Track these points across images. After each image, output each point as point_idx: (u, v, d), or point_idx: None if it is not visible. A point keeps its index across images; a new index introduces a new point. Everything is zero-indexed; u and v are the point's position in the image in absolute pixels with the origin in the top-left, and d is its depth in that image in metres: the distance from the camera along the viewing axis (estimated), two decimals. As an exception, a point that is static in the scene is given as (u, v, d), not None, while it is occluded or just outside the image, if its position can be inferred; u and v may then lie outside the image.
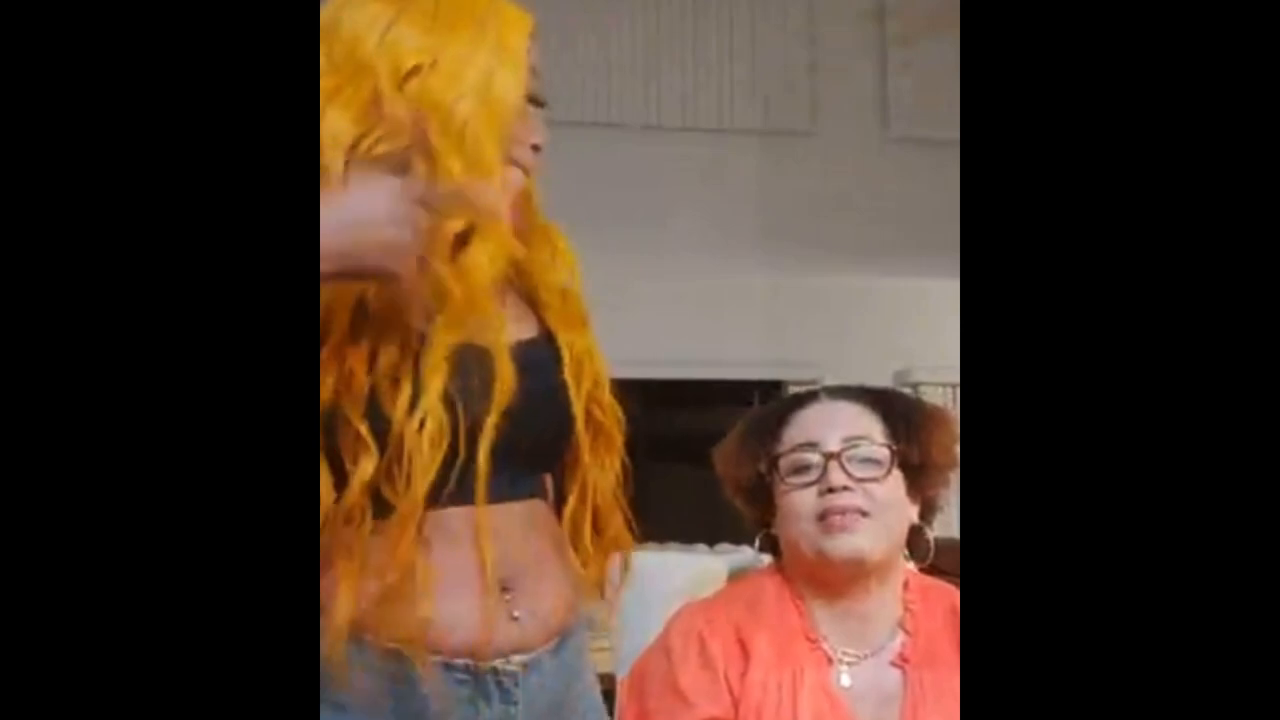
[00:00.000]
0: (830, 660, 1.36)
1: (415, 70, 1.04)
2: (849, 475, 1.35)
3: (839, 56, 5.54)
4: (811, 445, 1.38)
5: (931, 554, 1.42)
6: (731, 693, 1.33)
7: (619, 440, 1.18)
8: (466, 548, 1.06)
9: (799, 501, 1.37)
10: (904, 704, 1.34)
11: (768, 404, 1.52)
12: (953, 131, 1.26)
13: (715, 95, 5.42)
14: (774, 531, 1.42)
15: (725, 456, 1.47)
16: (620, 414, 1.18)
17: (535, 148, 1.12)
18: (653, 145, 5.13)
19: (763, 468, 1.41)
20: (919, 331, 5.01)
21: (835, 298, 5.33)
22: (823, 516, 1.35)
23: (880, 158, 5.46)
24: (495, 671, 1.07)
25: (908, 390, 4.22)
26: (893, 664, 1.37)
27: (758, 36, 5.48)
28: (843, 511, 1.34)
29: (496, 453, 1.05)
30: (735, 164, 5.38)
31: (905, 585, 1.42)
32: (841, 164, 5.41)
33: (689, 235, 5.10)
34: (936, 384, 4.95)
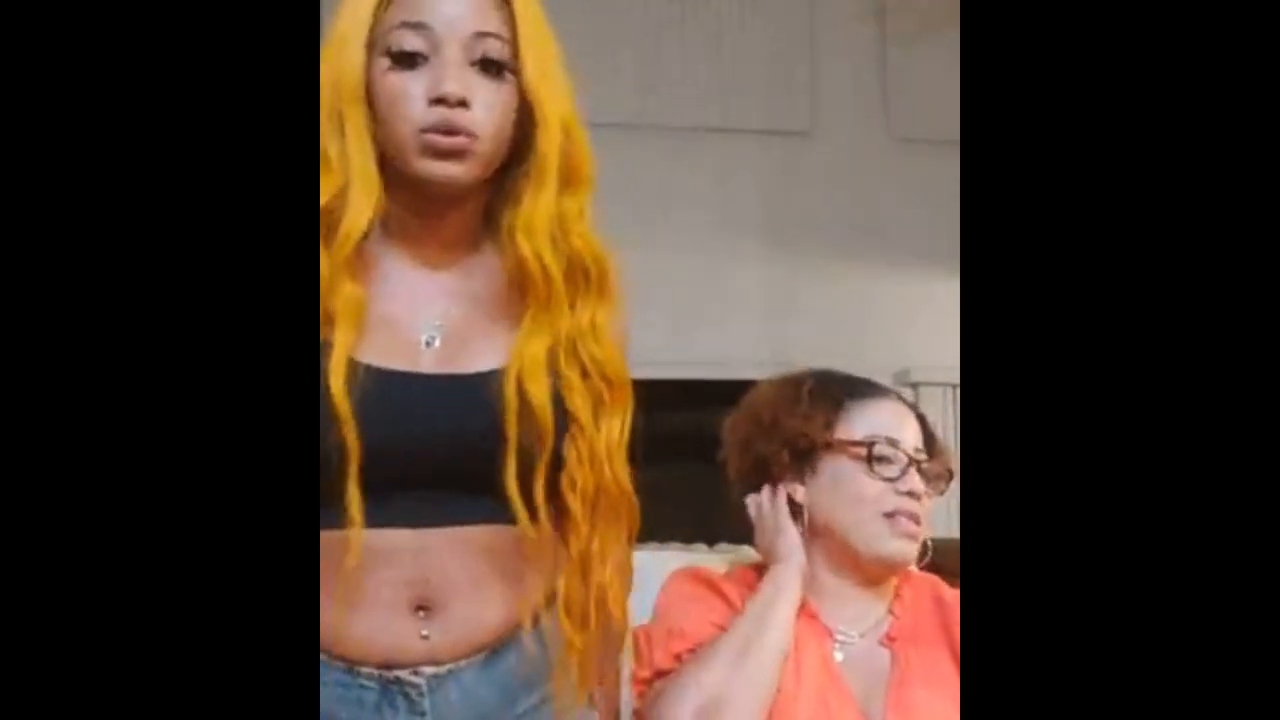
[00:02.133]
0: (829, 634, 1.38)
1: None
2: (922, 484, 1.40)
3: (839, 56, 5.53)
4: (893, 442, 1.39)
5: (928, 557, 1.45)
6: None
7: (625, 525, 1.15)
8: (380, 566, 1.06)
9: (869, 488, 1.38)
10: (891, 678, 1.36)
11: (832, 373, 1.51)
12: (953, 131, 1.26)
13: (715, 95, 5.41)
14: (798, 499, 1.42)
15: (786, 406, 1.45)
16: (633, 497, 1.15)
17: (440, 100, 1.06)
18: (653, 145, 5.12)
19: (829, 437, 1.41)
20: (919, 331, 5.00)
21: (835, 298, 5.32)
22: (892, 515, 1.38)
23: (880, 158, 5.46)
24: (400, 681, 1.08)
25: (908, 390, 4.23)
26: (881, 643, 1.40)
27: (758, 37, 5.48)
28: (910, 516, 1.38)
29: (412, 479, 1.05)
30: (735, 164, 5.38)
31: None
32: (841, 164, 5.40)
33: (688, 235, 5.09)
34: (936, 384, 4.94)
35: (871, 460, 1.39)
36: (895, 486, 1.38)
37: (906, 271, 5.21)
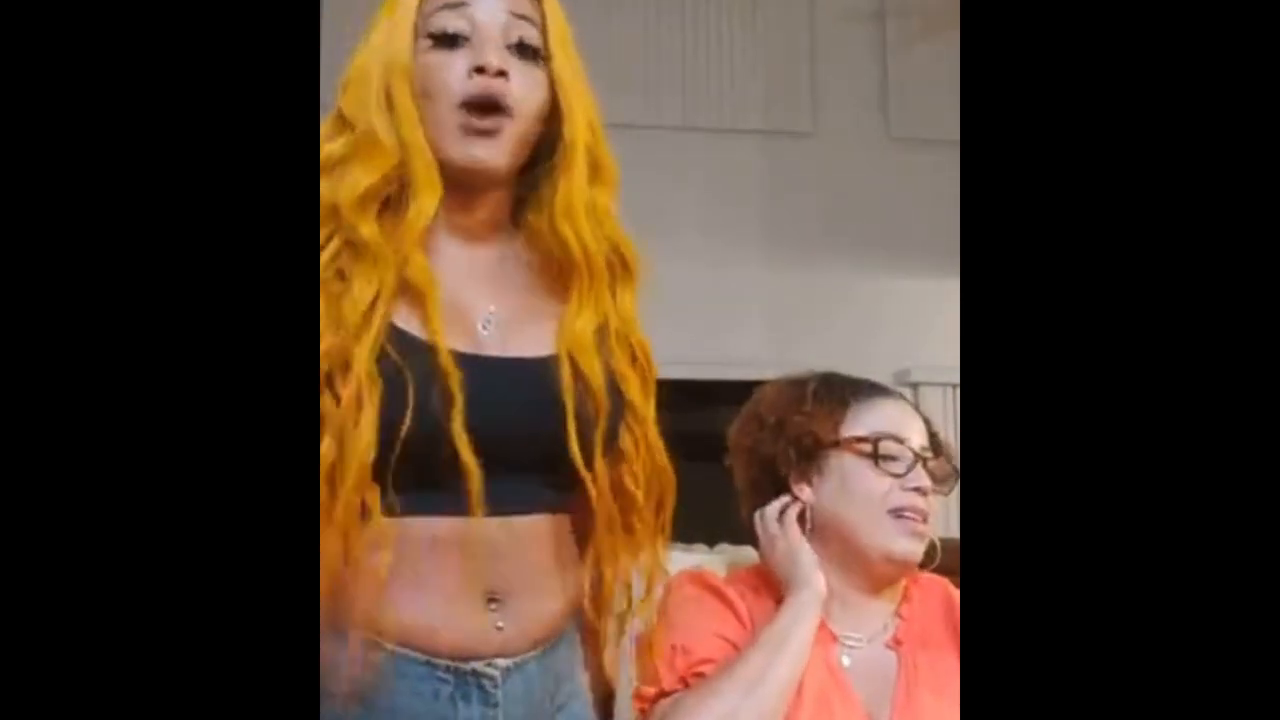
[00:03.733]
0: (834, 639, 1.37)
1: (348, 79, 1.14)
2: (930, 480, 1.39)
3: (839, 56, 5.53)
4: (899, 439, 1.39)
5: (938, 559, 1.44)
6: (735, 646, 1.34)
7: (669, 507, 1.18)
8: (456, 556, 1.07)
9: (876, 485, 1.38)
10: (898, 683, 1.35)
11: (835, 374, 1.50)
12: (953, 131, 1.26)
13: (715, 95, 5.42)
14: (801, 499, 1.42)
15: (790, 406, 1.45)
16: (670, 497, 1.18)
17: (480, 70, 1.10)
18: (653, 145, 5.13)
19: (835, 435, 1.41)
20: (919, 331, 5.01)
21: (835, 298, 5.33)
22: (899, 512, 1.37)
23: (880, 158, 5.46)
24: (476, 674, 1.08)
25: (908, 390, 4.24)
26: (887, 646, 1.39)
27: (758, 36, 5.48)
28: (917, 513, 1.37)
29: (491, 465, 1.05)
30: (735, 164, 5.38)
31: None
32: (841, 164, 5.41)
33: (689, 235, 5.10)
34: (936, 384, 4.94)
35: (878, 457, 1.38)
36: (902, 483, 1.37)
37: (906, 271, 5.22)
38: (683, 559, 1.76)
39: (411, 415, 1.03)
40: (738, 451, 1.48)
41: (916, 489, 1.37)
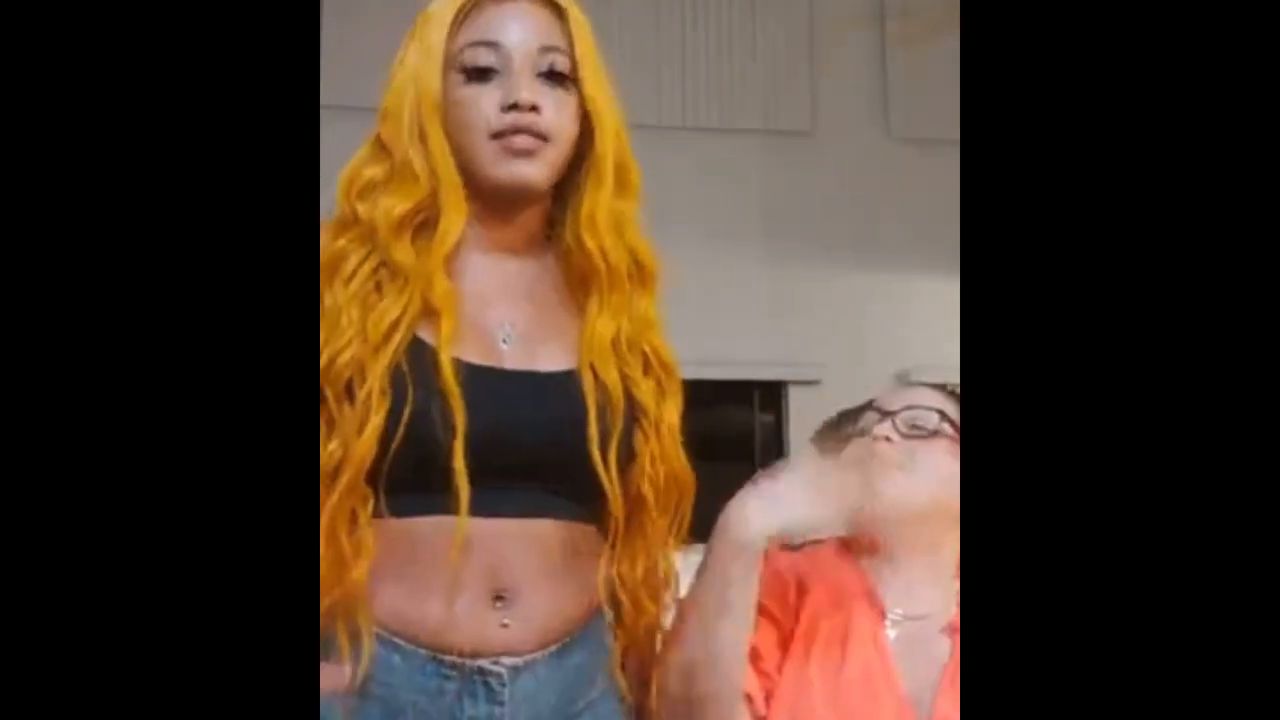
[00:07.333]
0: (883, 615, 1.37)
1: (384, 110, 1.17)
2: (897, 432, 1.39)
3: (839, 56, 5.55)
4: (879, 412, 1.41)
5: None
6: (778, 625, 1.35)
7: (686, 510, 1.21)
8: (464, 555, 1.08)
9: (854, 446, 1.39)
10: (947, 670, 1.34)
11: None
12: (953, 131, 1.26)
13: (715, 95, 5.43)
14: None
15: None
16: (687, 502, 1.21)
17: (513, 106, 1.13)
18: (653, 145, 5.13)
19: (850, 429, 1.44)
20: (919, 331, 5.01)
21: (835, 298, 5.34)
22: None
23: (880, 158, 5.47)
24: (482, 671, 1.09)
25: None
26: (943, 631, 1.37)
27: (758, 36, 5.49)
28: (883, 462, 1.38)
29: (494, 471, 1.08)
30: (735, 164, 5.39)
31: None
32: (841, 164, 5.42)
33: (689, 235, 5.10)
34: (936, 384, 4.95)
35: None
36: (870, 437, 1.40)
37: (906, 271, 5.22)
38: (682, 560, 1.75)
39: (410, 424, 1.07)
40: None
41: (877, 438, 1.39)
